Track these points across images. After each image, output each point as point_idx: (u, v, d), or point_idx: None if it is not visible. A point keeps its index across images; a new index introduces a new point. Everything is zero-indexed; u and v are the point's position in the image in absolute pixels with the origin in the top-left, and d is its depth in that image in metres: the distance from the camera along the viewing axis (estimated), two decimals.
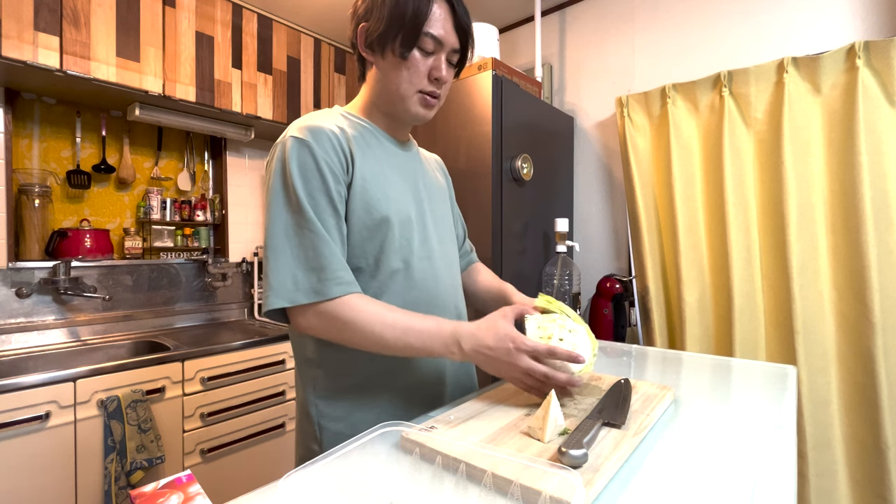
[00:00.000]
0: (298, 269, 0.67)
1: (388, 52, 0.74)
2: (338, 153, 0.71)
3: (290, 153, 0.69)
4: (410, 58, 0.72)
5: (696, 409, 0.72)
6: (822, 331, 1.41)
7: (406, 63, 0.73)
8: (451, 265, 0.86)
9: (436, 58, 0.74)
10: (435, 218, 0.84)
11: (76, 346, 1.74)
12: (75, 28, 1.53)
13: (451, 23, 0.73)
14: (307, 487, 0.42)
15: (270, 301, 0.66)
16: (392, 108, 0.78)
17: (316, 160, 0.68)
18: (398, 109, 0.77)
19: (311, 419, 0.77)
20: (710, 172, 1.63)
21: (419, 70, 0.73)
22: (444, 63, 0.75)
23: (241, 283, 2.36)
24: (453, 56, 0.76)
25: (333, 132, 0.71)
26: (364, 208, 0.72)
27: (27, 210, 1.73)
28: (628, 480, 0.51)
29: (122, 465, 1.41)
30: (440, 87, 0.76)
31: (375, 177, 0.74)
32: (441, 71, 0.74)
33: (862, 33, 1.46)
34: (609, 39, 2.02)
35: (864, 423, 1.35)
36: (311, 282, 0.66)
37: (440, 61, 0.74)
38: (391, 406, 0.77)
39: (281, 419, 1.85)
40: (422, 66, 0.73)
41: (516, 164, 1.64)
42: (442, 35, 0.72)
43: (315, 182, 0.68)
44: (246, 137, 2.17)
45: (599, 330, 1.79)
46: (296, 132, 0.70)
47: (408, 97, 0.75)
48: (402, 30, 0.71)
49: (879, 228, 1.33)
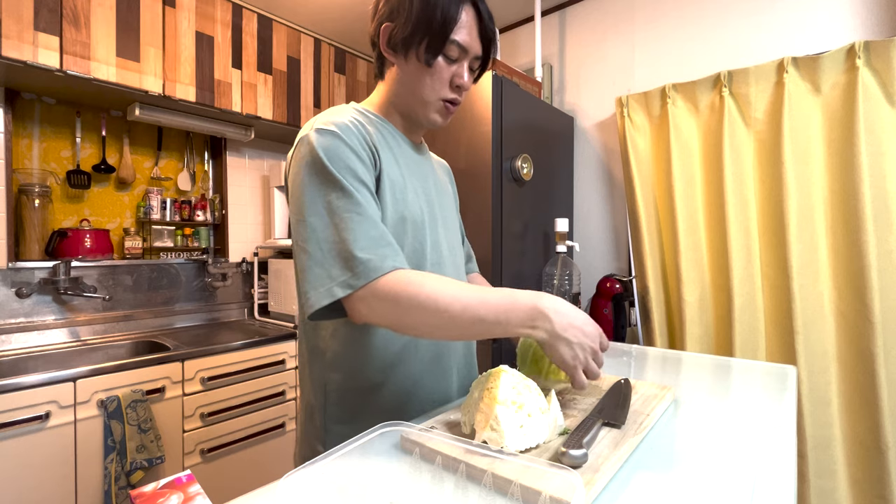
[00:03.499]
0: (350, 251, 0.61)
1: (411, 56, 0.72)
2: (363, 145, 0.68)
3: (317, 143, 0.65)
4: (435, 65, 0.71)
5: (696, 409, 0.72)
6: (822, 331, 1.41)
7: (430, 70, 0.71)
8: (459, 272, 0.85)
9: (459, 65, 0.73)
10: (445, 224, 0.83)
11: (76, 346, 1.74)
12: (75, 28, 1.53)
13: (476, 30, 0.72)
14: (307, 487, 0.42)
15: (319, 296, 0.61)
16: (411, 111, 0.77)
17: (347, 145, 0.66)
18: (417, 114, 0.76)
19: (315, 421, 0.77)
20: (710, 172, 1.63)
21: (443, 77, 0.72)
22: (467, 70, 0.73)
23: (241, 283, 2.36)
24: (475, 63, 0.75)
25: (357, 126, 0.69)
26: (385, 206, 0.69)
27: (27, 210, 1.73)
28: (628, 480, 0.51)
29: (122, 465, 1.41)
30: (462, 95, 0.75)
31: (394, 175, 0.72)
32: (464, 78, 0.73)
33: (862, 33, 1.46)
34: (609, 39, 2.02)
35: (864, 423, 1.35)
36: (363, 262, 0.60)
37: (463, 69, 0.73)
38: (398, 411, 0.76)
39: (281, 419, 1.85)
40: (445, 74, 0.72)
41: (516, 164, 1.64)
42: (467, 42, 0.71)
43: (351, 163, 0.65)
44: (246, 137, 2.17)
45: None
46: (320, 125, 0.67)
47: (430, 103, 0.74)
48: (428, 35, 0.69)
49: (879, 229, 1.33)
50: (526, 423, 0.55)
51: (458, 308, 0.59)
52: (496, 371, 0.59)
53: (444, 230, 0.82)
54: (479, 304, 0.60)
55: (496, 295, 0.61)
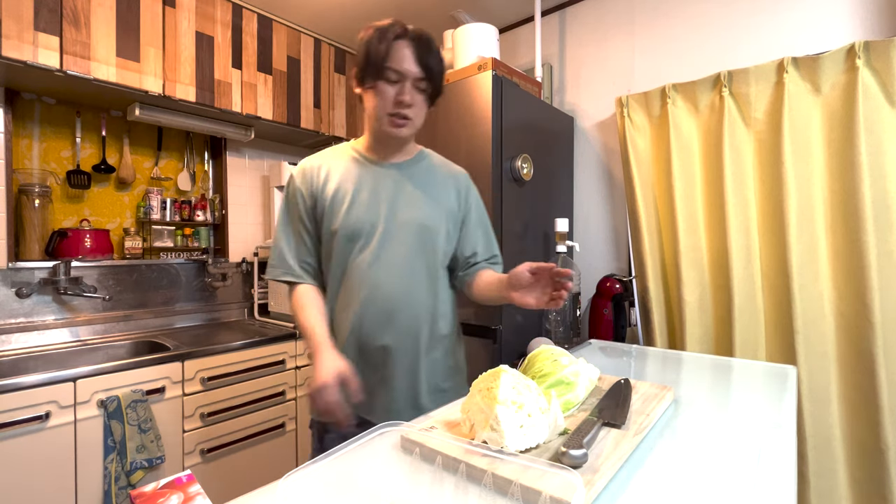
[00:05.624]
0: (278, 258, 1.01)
1: (366, 85, 0.94)
2: (309, 185, 0.99)
3: (287, 185, 1.04)
4: (378, 86, 0.92)
5: (696, 409, 0.72)
6: (822, 331, 1.41)
7: (376, 91, 0.92)
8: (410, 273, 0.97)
9: (400, 86, 0.91)
10: (405, 229, 0.97)
11: (76, 346, 1.74)
12: (75, 28, 1.53)
13: (412, 57, 0.90)
14: (307, 487, 0.42)
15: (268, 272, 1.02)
16: (373, 129, 0.98)
17: (297, 187, 1.00)
18: (376, 130, 0.97)
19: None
20: (710, 172, 1.63)
21: (387, 96, 0.91)
22: (409, 89, 0.91)
23: (241, 283, 2.36)
24: (420, 83, 0.92)
25: (314, 168, 1.00)
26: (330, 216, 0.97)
27: (27, 210, 1.73)
28: (628, 480, 0.51)
29: (122, 465, 1.41)
30: (406, 109, 0.92)
31: (338, 198, 0.96)
32: (403, 96, 0.90)
33: (862, 33, 1.46)
34: (609, 39, 2.02)
35: (864, 423, 1.34)
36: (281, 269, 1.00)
37: (404, 88, 0.91)
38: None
39: (281, 419, 1.85)
40: (388, 93, 0.91)
41: (516, 164, 1.64)
42: (403, 68, 0.90)
43: (290, 204, 1.02)
44: (246, 137, 2.17)
45: (599, 330, 1.79)
46: (296, 168, 1.02)
47: (381, 118, 0.93)
48: (370, 66, 0.91)
49: (879, 228, 1.32)
50: (526, 423, 0.55)
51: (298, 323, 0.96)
52: (496, 371, 0.60)
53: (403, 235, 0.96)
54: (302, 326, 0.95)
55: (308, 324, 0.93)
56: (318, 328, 0.91)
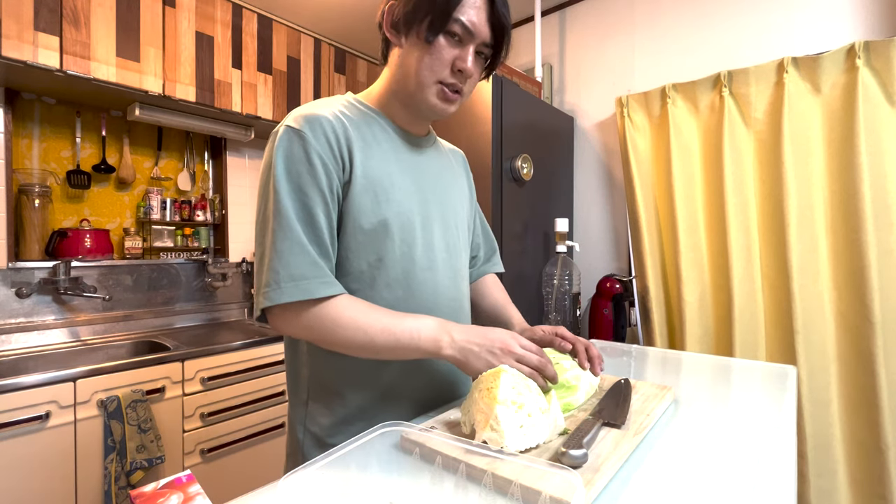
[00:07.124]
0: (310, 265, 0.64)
1: (412, 35, 0.69)
2: (332, 147, 0.66)
3: (279, 144, 0.65)
4: (435, 43, 0.67)
5: (696, 409, 0.72)
6: (822, 331, 1.41)
7: (430, 48, 0.67)
8: (456, 277, 0.80)
9: (463, 48, 0.68)
10: (445, 222, 0.79)
11: (76, 346, 1.74)
12: (75, 28, 1.53)
13: (485, 13, 0.68)
14: (307, 487, 0.42)
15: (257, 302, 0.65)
16: (409, 98, 0.73)
17: (307, 152, 0.64)
18: (415, 99, 0.72)
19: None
20: (710, 172, 1.63)
21: (443, 58, 0.68)
22: (472, 55, 0.69)
23: (241, 283, 2.36)
24: (484, 50, 0.71)
25: (332, 122, 0.67)
26: (361, 211, 0.68)
27: (27, 210, 1.73)
28: (628, 480, 0.51)
29: (122, 465, 1.41)
30: (463, 81, 0.70)
31: (377, 176, 0.70)
32: (466, 62, 0.68)
33: (862, 33, 1.46)
34: (609, 39, 2.02)
35: (864, 423, 1.35)
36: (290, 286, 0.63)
37: (467, 52, 0.68)
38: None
39: (281, 419, 1.85)
40: (446, 54, 0.68)
41: (516, 164, 1.64)
42: (473, 23, 0.67)
43: (304, 176, 0.64)
44: (246, 137, 2.17)
45: (599, 330, 1.79)
46: (292, 120, 0.66)
47: (426, 86, 0.69)
48: (431, 11, 0.66)
49: (879, 228, 1.33)
50: (526, 423, 0.55)
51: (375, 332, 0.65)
52: (496, 371, 0.60)
53: (443, 230, 0.78)
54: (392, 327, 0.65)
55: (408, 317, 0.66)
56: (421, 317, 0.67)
